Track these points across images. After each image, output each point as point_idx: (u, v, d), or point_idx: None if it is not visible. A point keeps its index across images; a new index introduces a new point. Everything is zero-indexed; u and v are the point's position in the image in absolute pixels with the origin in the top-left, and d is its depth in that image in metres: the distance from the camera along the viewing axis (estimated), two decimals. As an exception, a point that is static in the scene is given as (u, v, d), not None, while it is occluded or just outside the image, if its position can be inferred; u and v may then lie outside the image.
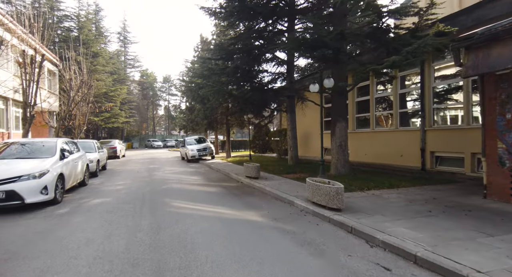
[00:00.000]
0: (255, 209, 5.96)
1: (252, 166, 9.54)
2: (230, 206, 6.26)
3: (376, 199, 6.02)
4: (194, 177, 11.33)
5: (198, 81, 17.59)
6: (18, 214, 5.79)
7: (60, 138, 8.25)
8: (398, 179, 8.38)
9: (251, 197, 7.21)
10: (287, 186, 7.88)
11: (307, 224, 4.87)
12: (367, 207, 5.36)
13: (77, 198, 7.38)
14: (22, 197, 5.83)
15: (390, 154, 11.73)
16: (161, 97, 67.37)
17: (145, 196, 7.50)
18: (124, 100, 41.34)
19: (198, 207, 6.24)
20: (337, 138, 9.82)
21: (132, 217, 5.50)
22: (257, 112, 13.75)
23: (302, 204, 5.82)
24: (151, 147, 45.44)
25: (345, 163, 9.77)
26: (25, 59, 12.60)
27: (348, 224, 4.44)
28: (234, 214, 5.66)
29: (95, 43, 34.43)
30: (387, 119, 13.06)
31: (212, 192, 8.12)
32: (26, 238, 4.43)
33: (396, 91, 11.61)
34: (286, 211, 5.79)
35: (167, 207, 6.23)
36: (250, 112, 14.35)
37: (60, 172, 6.88)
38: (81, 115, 20.72)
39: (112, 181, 10.55)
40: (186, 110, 27.19)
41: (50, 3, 33.18)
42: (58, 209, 6.21)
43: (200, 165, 16.24)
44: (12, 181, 5.84)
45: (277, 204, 6.46)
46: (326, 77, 8.99)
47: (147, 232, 4.59)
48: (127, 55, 55.37)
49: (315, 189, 5.50)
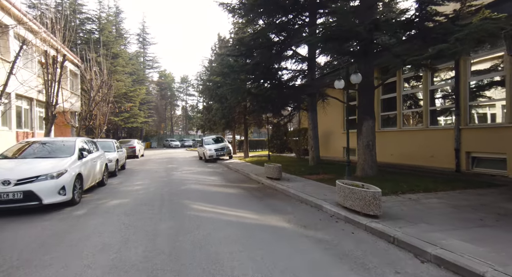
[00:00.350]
0: (280, 213, 5.52)
1: (273, 167, 9.10)
2: (252, 210, 5.85)
3: (415, 204, 5.43)
4: (213, 177, 11.03)
5: (217, 79, 17.32)
6: (36, 215, 5.63)
7: (79, 138, 8.14)
8: (432, 181, 7.69)
9: (274, 200, 6.78)
10: (312, 188, 7.38)
11: (341, 232, 4.38)
12: (407, 214, 4.80)
13: (95, 199, 7.20)
14: (40, 198, 5.67)
15: (419, 155, 10.98)
16: (179, 97, 68.12)
17: (164, 197, 7.23)
18: (143, 101, 41.97)
19: (219, 210, 5.87)
20: (364, 138, 9.21)
21: (151, 220, 5.20)
22: (276, 110, 13.27)
23: (332, 209, 5.32)
24: (169, 147, 45.88)
25: (372, 164, 9.15)
26: (47, 59, 12.75)
27: (389, 234, 3.92)
28: (258, 218, 5.25)
29: (115, 44, 35.07)
30: (415, 117, 12.28)
31: (232, 193, 7.75)
32: (41, 241, 4.20)
33: (426, 87, 10.84)
34: (314, 216, 5.31)
35: (187, 210, 5.91)
36: (270, 111, 13.88)
37: (78, 172, 6.71)
38: (101, 115, 21.01)
39: (131, 181, 10.41)
40: (203, 110, 27.11)
41: (73, 6, 34.08)
42: (76, 210, 6.02)
43: (218, 165, 15.97)
44: (30, 181, 5.69)
45: (303, 208, 5.99)
46: (353, 72, 8.43)
47: (166, 238, 4.26)
48: (146, 56, 56.34)
49: (348, 193, 4.99)
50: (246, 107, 19.45)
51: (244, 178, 10.83)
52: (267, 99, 12.24)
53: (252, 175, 10.60)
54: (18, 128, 15.12)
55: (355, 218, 4.69)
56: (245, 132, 20.60)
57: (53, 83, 12.89)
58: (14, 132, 14.46)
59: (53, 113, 12.98)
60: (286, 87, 11.57)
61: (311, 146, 13.14)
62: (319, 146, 13.36)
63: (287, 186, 7.81)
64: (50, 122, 12.90)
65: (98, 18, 37.28)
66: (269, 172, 9.29)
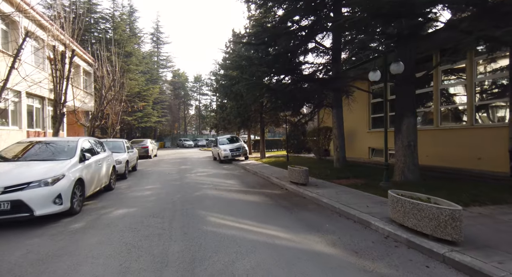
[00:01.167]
0: (318, 232, 4.43)
1: (299, 170, 8.00)
2: (283, 225, 4.78)
3: (494, 223, 4.23)
4: (230, 181, 10.02)
5: (234, 74, 16.31)
6: (27, 229, 4.76)
7: (82, 137, 7.30)
8: (491, 189, 6.41)
9: (306, 212, 5.68)
10: (348, 197, 6.25)
11: (410, 265, 3.25)
12: (491, 238, 3.63)
13: (98, 207, 6.31)
14: (31, 208, 4.79)
15: (461, 156, 9.62)
16: (192, 96, 67.73)
17: (176, 206, 6.26)
18: (156, 100, 41.62)
19: (242, 225, 4.84)
20: (404, 137, 7.99)
21: (159, 239, 4.22)
22: (298, 107, 12.16)
23: (386, 228, 4.19)
24: (182, 147, 45.43)
25: (414, 168, 7.92)
26: (56, 55, 12.10)
27: (487, 273, 2.78)
28: (292, 239, 4.17)
29: (128, 43, 34.73)
30: (456, 114, 10.89)
31: (255, 202, 6.69)
32: (19, 272, 3.27)
33: (471, 79, 9.45)
34: (363, 236, 4.19)
35: (203, 224, 4.91)
36: (290, 108, 12.77)
37: (78, 176, 5.82)
38: (113, 114, 20.46)
39: (141, 184, 9.53)
40: (217, 108, 26.22)
41: (87, 5, 33.95)
42: (73, 223, 5.12)
43: (234, 167, 14.98)
44: (20, 188, 4.81)
45: (343, 223, 4.87)
46: (394, 61, 7.23)
47: (178, 269, 3.25)
48: (160, 56, 56.13)
49: (410, 209, 3.85)
50: (262, 105, 18.40)
51: (264, 182, 9.77)
52: (288, 95, 11.15)
53: (273, 179, 9.53)
54: (29, 128, 14.63)
55: (423, 243, 3.55)
56: (262, 132, 19.53)
57: (61, 80, 12.23)
58: (25, 132, 13.96)
59: (61, 112, 12.31)
60: (311, 80, 10.38)
61: (336, 146, 11.93)
62: (345, 146, 12.15)
63: (317, 194, 6.70)
64: (59, 121, 12.23)
65: (111, 16, 37.07)
66: (294, 176, 8.20)
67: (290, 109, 13.34)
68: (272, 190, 8.18)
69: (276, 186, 8.73)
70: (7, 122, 12.94)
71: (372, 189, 6.97)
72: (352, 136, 15.10)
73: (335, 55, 11.53)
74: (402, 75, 7.63)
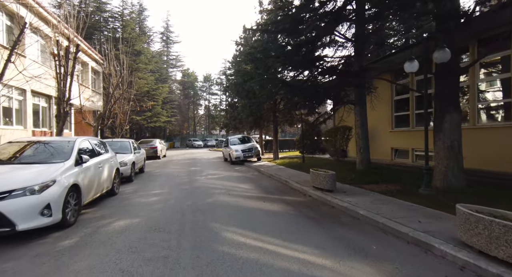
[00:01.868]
0: (366, 258, 3.46)
1: (324, 175, 7.01)
2: (317, 246, 3.82)
3: None
4: (244, 185, 9.10)
5: (248, 68, 15.38)
6: (6, 247, 3.95)
7: (80, 137, 6.50)
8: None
9: (340, 227, 4.70)
10: (389, 208, 5.24)
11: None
12: None
13: (97, 217, 5.49)
14: (12, 222, 3.97)
15: (506, 159, 8.50)
16: (202, 96, 67.22)
17: (186, 217, 5.38)
18: (165, 100, 41.14)
19: (266, 246, 3.90)
20: (446, 137, 6.92)
21: (164, 264, 3.33)
22: (318, 104, 11.15)
23: (459, 256, 3.19)
24: (192, 147, 44.85)
25: (459, 172, 6.85)
26: (59, 50, 11.43)
27: None
28: (335, 269, 3.20)
29: (137, 42, 34.29)
30: (497, 111, 9.72)
31: (276, 212, 5.74)
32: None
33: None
34: (429, 266, 3.19)
35: (218, 243, 4.00)
36: (307, 106, 11.76)
37: (73, 182, 5.00)
38: (121, 113, 19.86)
39: (147, 189, 8.71)
40: (228, 107, 25.37)
41: (96, 3, 33.67)
42: (64, 239, 4.29)
43: (246, 168, 14.06)
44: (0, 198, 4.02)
45: (395, 245, 3.88)
46: (439, 48, 6.19)
47: (188, 318, 2.36)
48: (169, 55, 55.79)
49: (502, 233, 2.85)
50: (276, 103, 17.44)
51: (282, 186, 8.82)
52: (306, 92, 10.18)
53: (293, 183, 8.57)
54: (35, 127, 14.09)
55: (525, 282, 2.56)
56: (275, 131, 18.55)
57: (65, 77, 11.56)
58: (30, 132, 13.40)
59: (65, 110, 11.65)
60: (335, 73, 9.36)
61: (359, 147, 10.88)
62: (368, 147, 11.10)
63: (349, 203, 5.72)
64: (62, 119, 11.57)
65: (121, 14, 36.72)
66: (318, 181, 7.22)
67: (307, 107, 12.34)
68: (293, 196, 7.22)
69: (298, 192, 7.76)
70: (10, 121, 12.38)
71: (412, 197, 5.96)
72: (373, 136, 14.01)
73: (357, 48, 10.48)
74: (444, 65, 6.59)
